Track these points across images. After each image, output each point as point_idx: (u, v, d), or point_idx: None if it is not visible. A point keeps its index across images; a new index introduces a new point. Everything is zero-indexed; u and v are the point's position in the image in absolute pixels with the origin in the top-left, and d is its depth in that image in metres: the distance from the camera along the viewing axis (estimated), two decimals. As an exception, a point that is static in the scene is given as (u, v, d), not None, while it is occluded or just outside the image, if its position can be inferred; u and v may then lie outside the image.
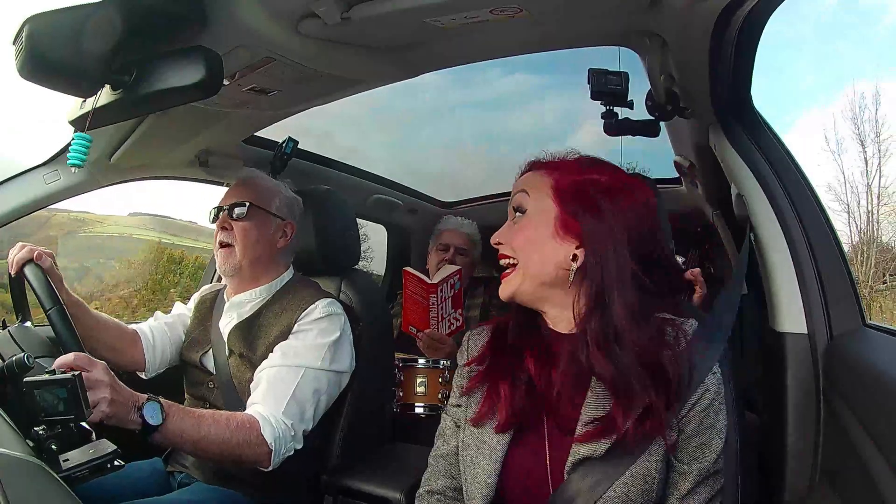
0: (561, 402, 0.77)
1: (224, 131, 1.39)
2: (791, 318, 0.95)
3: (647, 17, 0.91)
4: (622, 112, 1.13)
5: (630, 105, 1.11)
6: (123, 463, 0.80)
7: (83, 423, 0.81)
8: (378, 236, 2.56)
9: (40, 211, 1.33)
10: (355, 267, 1.47)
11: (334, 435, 1.27)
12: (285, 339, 1.17)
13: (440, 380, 1.55)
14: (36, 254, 1.09)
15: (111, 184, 1.43)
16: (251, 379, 1.15)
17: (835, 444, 0.88)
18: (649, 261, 0.77)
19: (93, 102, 0.88)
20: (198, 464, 1.19)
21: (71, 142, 1.27)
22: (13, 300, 1.20)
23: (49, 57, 0.76)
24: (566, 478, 0.74)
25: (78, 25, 0.76)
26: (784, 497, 0.93)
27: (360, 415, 1.30)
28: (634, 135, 1.17)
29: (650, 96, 1.15)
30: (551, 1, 0.89)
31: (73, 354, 0.89)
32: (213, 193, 1.62)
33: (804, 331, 0.94)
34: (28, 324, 1.20)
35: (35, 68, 0.77)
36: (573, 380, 0.76)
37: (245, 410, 1.08)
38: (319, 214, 1.37)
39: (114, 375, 0.90)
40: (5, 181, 1.29)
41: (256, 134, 1.53)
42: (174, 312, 1.39)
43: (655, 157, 1.99)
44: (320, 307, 1.19)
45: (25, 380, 0.79)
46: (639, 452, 0.72)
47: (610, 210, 0.76)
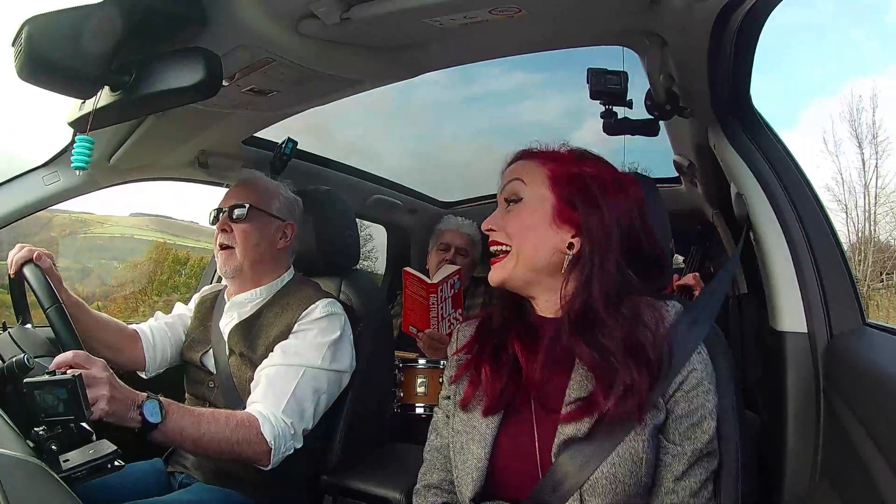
0: (547, 386, 0.78)
1: (224, 132, 1.38)
2: (791, 318, 0.95)
3: (647, 17, 0.91)
4: (621, 111, 1.14)
5: (629, 104, 1.11)
6: (123, 463, 0.80)
7: (83, 424, 0.81)
8: (382, 237, 2.56)
9: (41, 212, 1.33)
10: (355, 267, 1.48)
11: (334, 435, 1.27)
12: (285, 339, 1.17)
13: (440, 380, 1.55)
14: (35, 254, 1.09)
15: (111, 185, 1.43)
16: (251, 378, 1.15)
17: (835, 444, 0.88)
18: (636, 253, 0.80)
19: (92, 104, 0.88)
20: (198, 464, 1.19)
21: (73, 144, 1.29)
22: (13, 301, 1.20)
23: (48, 58, 0.76)
24: (554, 460, 0.74)
25: (77, 26, 0.76)
26: (784, 497, 0.93)
27: (360, 415, 1.30)
28: (634, 134, 1.17)
29: (649, 96, 1.15)
30: (551, 1, 0.89)
31: (72, 352, 0.89)
32: (215, 193, 1.63)
33: (804, 330, 0.94)
34: (28, 326, 1.21)
35: (34, 70, 0.77)
36: (557, 362, 0.78)
37: (245, 409, 1.08)
38: (319, 215, 1.37)
39: (112, 373, 0.90)
40: (5, 183, 1.29)
41: (256, 134, 1.53)
42: (175, 313, 1.39)
43: (655, 157, 1.99)
44: (321, 307, 1.19)
45: (25, 380, 0.79)
46: (623, 432, 0.73)
47: (605, 202, 0.78)
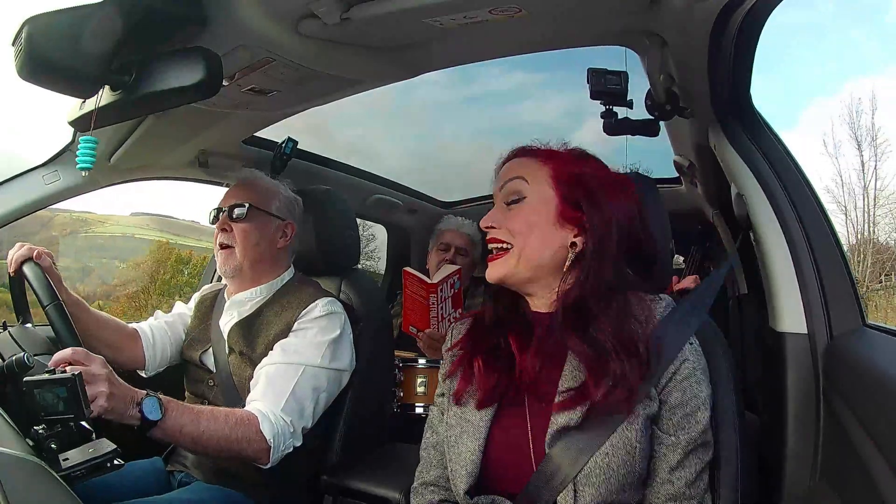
0: (540, 379, 0.78)
1: (224, 131, 1.39)
2: (791, 318, 0.95)
3: (647, 17, 0.91)
4: (622, 111, 1.14)
5: (630, 104, 1.11)
6: (123, 462, 0.80)
7: (83, 423, 0.81)
8: (384, 237, 2.57)
9: (42, 211, 1.33)
10: (355, 267, 1.47)
11: (334, 435, 1.27)
12: (285, 337, 1.17)
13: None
14: (35, 252, 1.10)
15: (111, 184, 1.43)
16: (251, 377, 1.15)
17: (835, 444, 0.88)
18: (635, 252, 0.82)
19: (93, 103, 0.88)
20: (198, 463, 1.19)
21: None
22: (13, 300, 1.20)
23: (48, 58, 0.76)
24: (547, 451, 0.75)
25: (77, 26, 0.76)
26: (784, 497, 0.93)
27: (360, 415, 1.29)
28: (634, 134, 1.17)
29: (650, 96, 1.15)
30: (551, 1, 0.89)
31: (71, 349, 0.89)
32: (215, 193, 1.63)
33: (804, 331, 0.94)
34: (28, 325, 1.21)
35: (34, 69, 0.77)
36: (551, 356, 0.79)
37: (244, 407, 1.08)
38: (319, 214, 1.37)
39: (111, 370, 0.90)
40: (5, 182, 1.29)
41: (256, 134, 1.53)
42: (175, 312, 1.39)
43: (655, 157, 1.99)
44: (321, 305, 1.19)
45: (25, 379, 0.79)
46: (616, 422, 0.73)
47: (607, 201, 0.79)
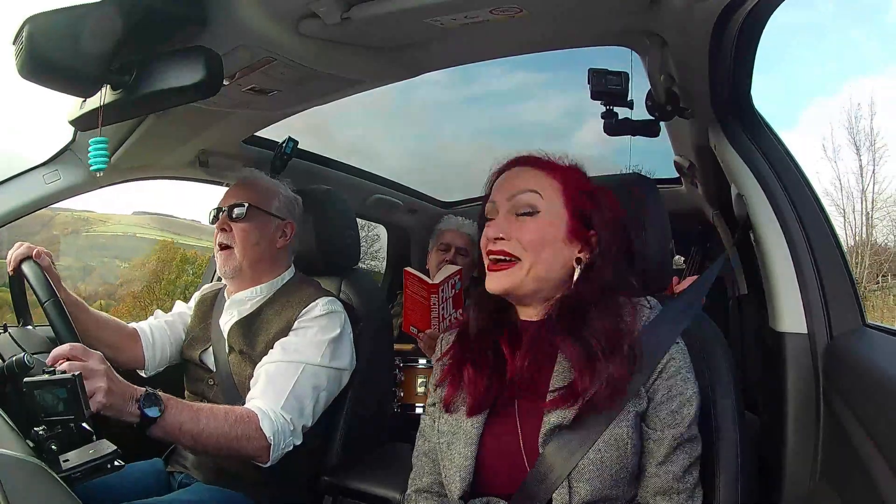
0: (532, 380, 0.79)
1: (224, 131, 1.38)
2: (791, 318, 0.96)
3: (647, 17, 0.91)
4: (622, 112, 1.14)
5: (630, 105, 1.11)
6: (123, 463, 0.79)
7: (83, 424, 0.81)
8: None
9: (43, 210, 1.33)
10: (356, 267, 1.47)
11: (334, 434, 1.27)
12: (285, 336, 1.17)
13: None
14: (35, 251, 1.10)
15: (111, 184, 1.43)
16: (251, 375, 1.15)
17: (835, 445, 0.88)
18: (633, 258, 0.86)
19: (92, 103, 0.88)
20: (198, 464, 1.19)
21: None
22: (13, 301, 1.20)
23: (49, 57, 0.76)
24: (541, 451, 0.75)
25: (78, 25, 0.76)
26: (784, 497, 0.93)
27: (360, 415, 1.29)
28: (634, 135, 1.17)
29: (650, 96, 1.15)
30: (551, 1, 0.89)
31: (69, 344, 0.89)
32: (216, 192, 1.62)
33: (804, 331, 0.94)
34: (29, 326, 1.21)
35: (35, 68, 0.77)
36: (541, 360, 0.80)
37: (244, 405, 1.08)
38: (320, 214, 1.37)
39: (110, 366, 0.90)
40: (5, 181, 1.29)
41: (256, 134, 1.53)
42: (175, 311, 1.39)
43: (656, 157, 1.99)
44: (321, 305, 1.19)
45: (25, 380, 0.79)
46: (607, 420, 0.74)
47: (613, 219, 0.83)
